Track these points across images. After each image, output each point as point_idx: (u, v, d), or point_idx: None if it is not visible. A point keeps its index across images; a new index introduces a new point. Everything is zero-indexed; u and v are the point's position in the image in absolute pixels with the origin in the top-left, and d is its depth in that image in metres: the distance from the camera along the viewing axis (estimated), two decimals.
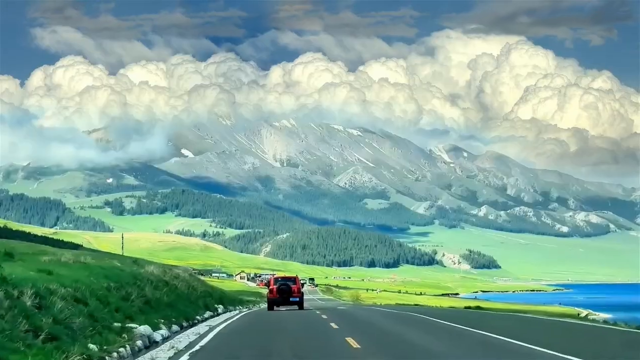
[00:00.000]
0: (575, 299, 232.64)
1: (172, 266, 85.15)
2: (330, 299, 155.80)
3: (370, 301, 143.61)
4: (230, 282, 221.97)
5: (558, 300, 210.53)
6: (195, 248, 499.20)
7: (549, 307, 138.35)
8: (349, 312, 53.66)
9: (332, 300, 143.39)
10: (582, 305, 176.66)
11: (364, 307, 78.02)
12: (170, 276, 48.34)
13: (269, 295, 57.51)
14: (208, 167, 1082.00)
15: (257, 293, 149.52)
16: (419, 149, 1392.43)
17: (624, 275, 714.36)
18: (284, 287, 56.48)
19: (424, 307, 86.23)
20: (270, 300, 56.77)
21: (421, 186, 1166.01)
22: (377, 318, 44.85)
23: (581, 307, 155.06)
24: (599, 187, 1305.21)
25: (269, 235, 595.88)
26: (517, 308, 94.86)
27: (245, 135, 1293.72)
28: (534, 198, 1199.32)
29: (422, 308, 74.82)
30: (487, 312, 58.57)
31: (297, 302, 56.67)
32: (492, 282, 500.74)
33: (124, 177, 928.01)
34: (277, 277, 62.44)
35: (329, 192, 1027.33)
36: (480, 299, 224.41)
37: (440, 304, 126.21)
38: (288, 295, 56.27)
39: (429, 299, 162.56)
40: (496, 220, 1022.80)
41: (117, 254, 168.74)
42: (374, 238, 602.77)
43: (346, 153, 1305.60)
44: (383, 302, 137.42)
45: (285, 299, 56.35)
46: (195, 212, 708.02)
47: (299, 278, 60.73)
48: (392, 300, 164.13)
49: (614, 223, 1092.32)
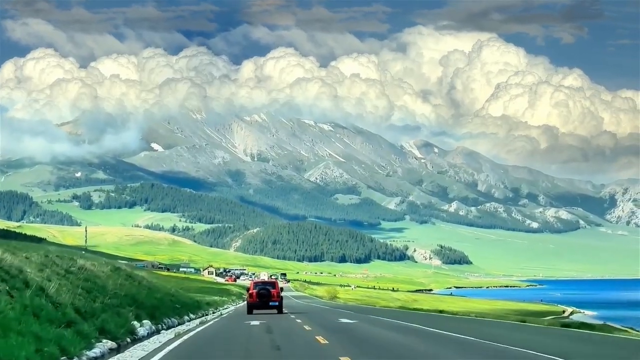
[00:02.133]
0: (553, 296, 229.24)
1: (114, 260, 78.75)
2: (303, 296, 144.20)
3: (344, 299, 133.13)
4: (198, 277, 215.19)
5: (534, 297, 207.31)
6: (163, 242, 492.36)
7: (533, 304, 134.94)
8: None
9: (308, 298, 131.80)
10: (562, 302, 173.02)
11: (380, 321, 45.94)
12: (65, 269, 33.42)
13: (248, 300, 58.32)
14: (178, 162, 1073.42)
15: (225, 291, 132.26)
16: (390, 144, 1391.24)
17: (594, 271, 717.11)
18: (263, 292, 57.02)
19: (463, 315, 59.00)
20: (250, 304, 57.44)
21: (392, 182, 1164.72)
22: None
23: (563, 304, 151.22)
24: (569, 184, 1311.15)
25: (239, 230, 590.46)
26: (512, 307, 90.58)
27: (216, 130, 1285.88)
28: (505, 194, 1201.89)
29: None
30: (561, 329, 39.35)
31: (276, 306, 57.08)
32: (464, 277, 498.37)
33: (92, 171, 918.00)
34: (256, 281, 62.46)
35: (299, 187, 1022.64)
36: (456, 295, 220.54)
37: (454, 306, 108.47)
38: (267, 299, 56.75)
39: (436, 300, 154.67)
40: (467, 216, 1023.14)
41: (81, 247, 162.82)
42: (345, 233, 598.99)
43: (317, 148, 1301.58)
44: (378, 302, 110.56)
45: (265, 303, 56.84)
46: (164, 206, 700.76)
47: (278, 282, 60.93)
48: (385, 300, 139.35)
49: (583, 219, 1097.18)
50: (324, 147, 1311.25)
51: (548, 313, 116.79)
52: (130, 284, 41.88)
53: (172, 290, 56.70)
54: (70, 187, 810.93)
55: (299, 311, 60.71)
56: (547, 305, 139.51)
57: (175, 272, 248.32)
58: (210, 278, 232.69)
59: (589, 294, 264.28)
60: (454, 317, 55.23)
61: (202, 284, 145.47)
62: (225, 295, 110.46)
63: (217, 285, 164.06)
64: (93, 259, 45.38)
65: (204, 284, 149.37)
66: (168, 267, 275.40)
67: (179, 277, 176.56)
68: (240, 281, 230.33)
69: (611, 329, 43.96)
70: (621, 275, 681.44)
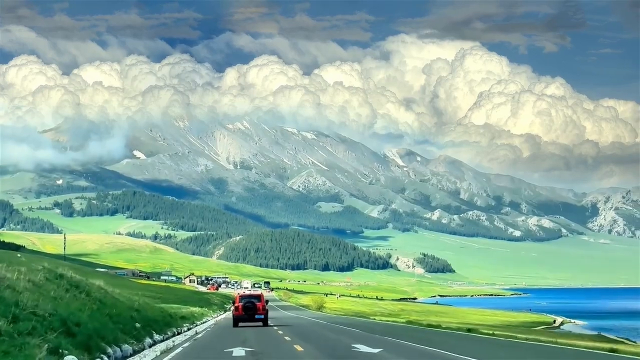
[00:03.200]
0: (540, 305, 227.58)
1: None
2: (289, 306, 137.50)
3: (331, 309, 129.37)
4: (179, 286, 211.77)
5: (520, 306, 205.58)
6: (144, 250, 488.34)
7: (522, 314, 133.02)
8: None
9: (295, 308, 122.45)
10: (549, 311, 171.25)
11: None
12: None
13: (234, 312, 58.30)
14: (160, 169, 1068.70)
15: (206, 300, 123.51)
16: (372, 152, 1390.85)
17: (577, 280, 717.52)
18: (249, 305, 57.34)
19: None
20: (236, 317, 57.55)
21: (375, 190, 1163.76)
22: None
23: (552, 314, 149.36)
24: (551, 192, 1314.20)
25: (222, 237, 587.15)
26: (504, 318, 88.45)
27: (199, 137, 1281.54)
28: (487, 202, 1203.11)
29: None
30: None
31: (261, 319, 57.35)
32: (447, 286, 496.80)
33: (74, 179, 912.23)
34: (242, 294, 62.63)
35: (282, 195, 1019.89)
36: (442, 304, 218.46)
37: (452, 317, 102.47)
38: (253, 312, 57.14)
39: (427, 311, 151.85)
40: (449, 224, 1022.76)
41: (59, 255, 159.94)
42: (328, 241, 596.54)
43: (300, 156, 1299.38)
44: (371, 314, 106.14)
45: (251, 316, 57.17)
46: (146, 214, 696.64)
47: (264, 296, 61.26)
48: (375, 310, 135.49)
49: (565, 228, 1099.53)
50: (307, 155, 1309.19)
51: (539, 323, 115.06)
52: (70, 298, 31.54)
53: (136, 304, 46.09)
54: (51, 195, 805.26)
55: (294, 330, 51.56)
56: (536, 315, 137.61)
57: (156, 280, 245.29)
58: (191, 287, 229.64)
59: (574, 303, 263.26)
60: (492, 339, 43.79)
61: (182, 293, 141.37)
62: (205, 306, 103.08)
63: (198, 294, 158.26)
64: (27, 264, 36.97)
65: (185, 293, 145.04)
66: (149, 275, 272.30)
67: (159, 286, 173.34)
68: (222, 289, 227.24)
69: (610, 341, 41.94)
70: (603, 284, 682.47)
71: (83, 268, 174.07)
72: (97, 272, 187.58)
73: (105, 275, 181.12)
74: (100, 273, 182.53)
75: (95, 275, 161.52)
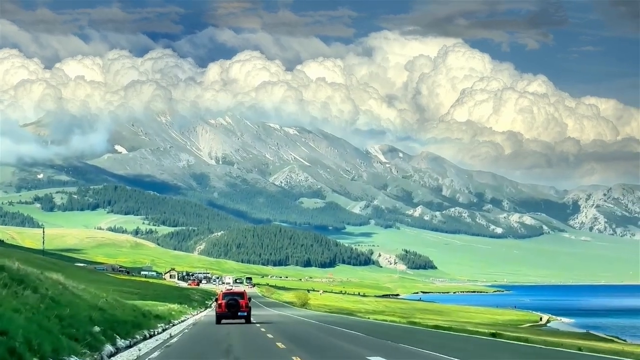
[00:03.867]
0: (523, 302, 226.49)
1: None
2: (273, 302, 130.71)
3: (315, 305, 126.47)
4: (159, 282, 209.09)
5: (504, 303, 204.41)
6: (125, 245, 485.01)
7: (507, 311, 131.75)
8: None
9: (279, 305, 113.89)
10: (534, 308, 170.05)
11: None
12: None
13: (217, 310, 58.68)
14: (142, 164, 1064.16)
15: (186, 296, 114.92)
16: (355, 148, 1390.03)
17: (559, 277, 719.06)
18: (232, 302, 57.85)
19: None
20: (219, 315, 57.96)
21: (357, 186, 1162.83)
22: None
23: (537, 311, 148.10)
24: (533, 189, 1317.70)
25: (203, 233, 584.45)
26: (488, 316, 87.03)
27: (181, 132, 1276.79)
28: (469, 199, 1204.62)
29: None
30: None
31: (244, 316, 57.80)
32: (430, 282, 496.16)
33: (55, 173, 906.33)
34: (225, 292, 63.21)
35: (264, 191, 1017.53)
36: (426, 301, 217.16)
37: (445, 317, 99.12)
38: (236, 309, 57.60)
39: (413, 307, 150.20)
40: (431, 220, 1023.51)
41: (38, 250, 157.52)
42: (309, 237, 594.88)
43: (282, 152, 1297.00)
44: (356, 311, 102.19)
45: (234, 314, 57.56)
46: (127, 209, 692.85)
47: (247, 293, 61.60)
48: (360, 307, 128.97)
49: (547, 225, 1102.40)
50: (289, 150, 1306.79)
51: (525, 321, 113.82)
52: (8, 295, 25.85)
53: (101, 302, 39.66)
54: (32, 189, 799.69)
55: (287, 333, 45.23)
56: (522, 312, 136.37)
57: (135, 275, 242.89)
58: (172, 282, 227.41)
59: (558, 300, 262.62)
60: (526, 346, 37.28)
61: (161, 289, 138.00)
62: (185, 302, 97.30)
63: (178, 290, 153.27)
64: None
65: (164, 289, 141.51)
66: (128, 271, 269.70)
67: (138, 281, 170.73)
68: (204, 285, 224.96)
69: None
70: (585, 281, 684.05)
71: (60, 262, 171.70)
72: (76, 267, 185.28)
73: (83, 270, 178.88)
74: (78, 268, 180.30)
75: (72, 270, 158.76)
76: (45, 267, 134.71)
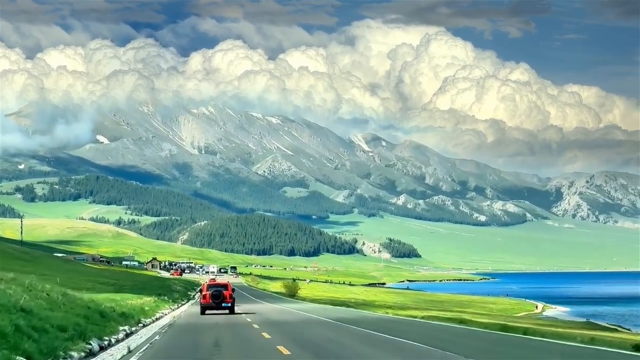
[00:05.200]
0: (512, 289, 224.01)
1: None
2: (262, 293, 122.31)
3: (303, 295, 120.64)
4: (140, 272, 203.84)
5: (491, 290, 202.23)
6: (107, 235, 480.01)
7: (500, 299, 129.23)
8: None
9: (269, 297, 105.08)
10: (524, 296, 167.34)
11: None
12: None
13: (201, 301, 59.20)
14: (124, 154, 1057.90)
15: (166, 287, 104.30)
16: (338, 137, 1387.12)
17: (543, 264, 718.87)
18: (216, 293, 58.36)
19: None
20: (204, 305, 58.46)
21: (340, 175, 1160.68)
22: None
23: (530, 299, 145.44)
24: (516, 177, 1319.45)
25: (187, 223, 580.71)
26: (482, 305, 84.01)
27: (163, 122, 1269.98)
28: (452, 187, 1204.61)
29: None
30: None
31: (228, 307, 58.48)
32: (415, 271, 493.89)
33: (36, 163, 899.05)
34: (210, 283, 63.92)
35: (247, 180, 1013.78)
36: (414, 290, 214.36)
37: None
38: (220, 301, 58.15)
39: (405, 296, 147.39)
40: (415, 209, 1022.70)
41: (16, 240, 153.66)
42: (293, 226, 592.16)
43: (265, 141, 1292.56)
44: (347, 300, 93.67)
45: (218, 305, 58.14)
46: (110, 199, 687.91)
47: (231, 285, 62.31)
48: (350, 296, 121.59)
49: (530, 212, 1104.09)
50: (272, 140, 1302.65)
51: (520, 310, 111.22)
52: None
53: (23, 302, 27.18)
54: (13, 179, 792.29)
55: (300, 343, 30.68)
56: (515, 300, 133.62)
57: (116, 265, 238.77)
58: (153, 272, 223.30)
59: (546, 288, 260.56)
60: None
61: (141, 279, 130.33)
62: (166, 293, 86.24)
63: (159, 280, 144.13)
64: None
65: (144, 279, 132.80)
66: (109, 261, 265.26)
67: (117, 271, 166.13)
68: (187, 275, 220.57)
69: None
70: (569, 268, 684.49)
71: (33, 252, 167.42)
72: (50, 257, 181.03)
73: (57, 260, 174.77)
74: (53, 258, 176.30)
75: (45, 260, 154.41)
76: (15, 257, 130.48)
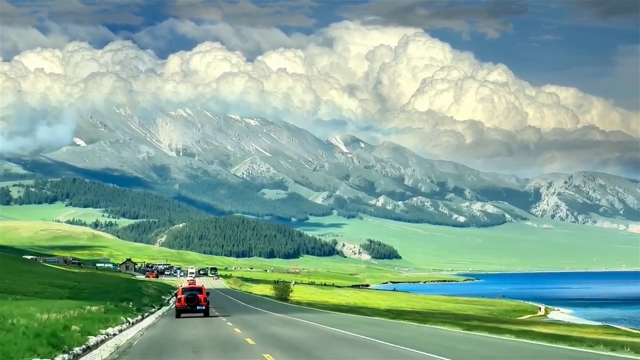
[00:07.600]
0: (504, 290, 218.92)
1: None
2: (254, 297, 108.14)
3: (296, 299, 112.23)
4: (112, 274, 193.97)
5: (482, 292, 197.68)
6: (82, 237, 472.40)
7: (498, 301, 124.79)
8: None
9: (259, 301, 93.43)
10: (520, 297, 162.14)
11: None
12: None
13: (177, 304, 59.54)
14: (101, 157, 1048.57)
15: (136, 291, 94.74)
16: (316, 139, 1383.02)
17: (523, 265, 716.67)
18: (190, 297, 58.93)
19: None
20: (179, 309, 58.82)
21: (319, 176, 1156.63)
22: None
23: (529, 301, 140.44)
24: (494, 178, 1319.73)
25: (165, 225, 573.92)
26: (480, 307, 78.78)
27: (140, 124, 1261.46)
28: (431, 188, 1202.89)
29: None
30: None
31: (203, 310, 58.90)
32: (397, 272, 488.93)
33: (12, 166, 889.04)
34: (185, 287, 65.05)
35: (226, 182, 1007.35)
36: (402, 291, 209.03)
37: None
38: (195, 304, 58.65)
39: (402, 300, 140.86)
40: (394, 210, 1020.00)
41: None
42: (273, 228, 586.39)
43: (243, 143, 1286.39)
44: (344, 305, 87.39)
45: (193, 307, 58.59)
46: (86, 201, 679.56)
47: (205, 288, 63.24)
48: (349, 301, 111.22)
49: (509, 213, 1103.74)
50: (251, 142, 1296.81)
51: (522, 312, 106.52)
52: None
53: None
54: None
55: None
56: (513, 302, 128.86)
57: (86, 267, 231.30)
58: (127, 274, 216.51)
59: (534, 289, 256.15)
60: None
61: (109, 281, 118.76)
62: (132, 299, 74.38)
63: (130, 282, 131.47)
64: None
65: (113, 281, 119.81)
66: (80, 262, 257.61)
67: (82, 273, 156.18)
68: (164, 278, 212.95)
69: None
70: (549, 268, 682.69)
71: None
72: (9, 257, 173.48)
73: (15, 261, 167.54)
74: (11, 259, 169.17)
75: (5, 261, 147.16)
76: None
